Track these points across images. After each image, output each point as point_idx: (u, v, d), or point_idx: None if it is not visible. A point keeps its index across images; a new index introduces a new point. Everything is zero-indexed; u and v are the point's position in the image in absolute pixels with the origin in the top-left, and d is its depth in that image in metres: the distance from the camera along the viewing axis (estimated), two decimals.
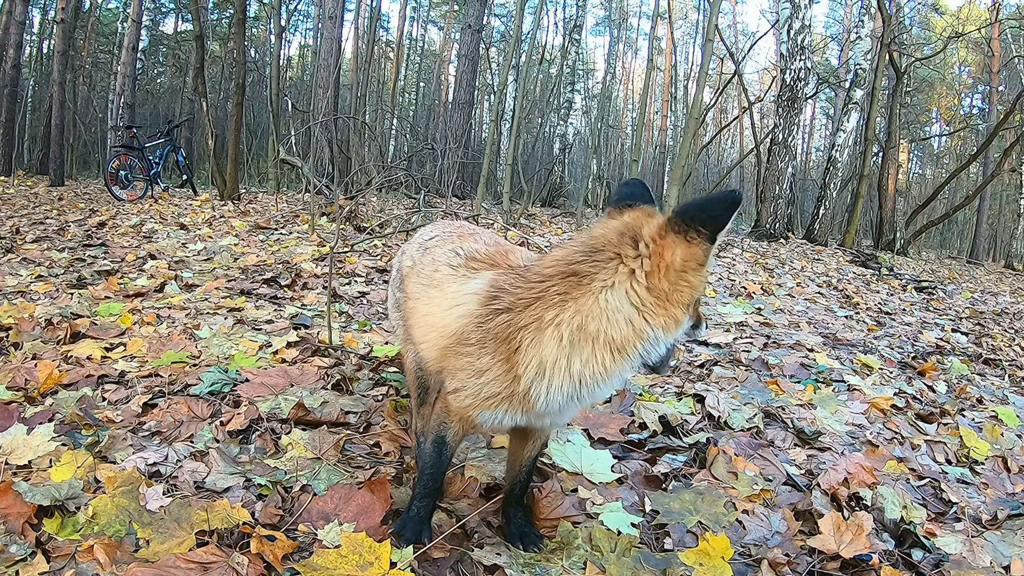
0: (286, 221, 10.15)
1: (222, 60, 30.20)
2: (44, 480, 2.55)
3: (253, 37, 32.07)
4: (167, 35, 34.38)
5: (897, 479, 3.31)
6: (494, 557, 2.35)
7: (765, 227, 15.86)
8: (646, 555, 2.48)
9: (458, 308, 2.23)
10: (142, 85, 28.21)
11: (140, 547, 2.26)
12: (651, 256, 1.95)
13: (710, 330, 2.47)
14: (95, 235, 8.56)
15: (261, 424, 3.14)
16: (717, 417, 3.71)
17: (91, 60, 30.62)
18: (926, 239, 25.39)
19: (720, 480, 3.05)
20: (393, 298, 3.00)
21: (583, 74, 23.85)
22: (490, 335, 2.08)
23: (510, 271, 2.23)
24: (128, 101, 21.59)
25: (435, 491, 2.47)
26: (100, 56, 31.92)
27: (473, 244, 2.53)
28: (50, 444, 2.79)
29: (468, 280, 2.31)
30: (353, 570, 2.13)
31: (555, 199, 20.98)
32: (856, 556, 2.59)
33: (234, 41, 15.56)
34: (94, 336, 4.32)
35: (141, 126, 17.66)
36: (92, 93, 29.46)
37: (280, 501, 2.57)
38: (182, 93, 31.11)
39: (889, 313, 8.42)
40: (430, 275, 2.49)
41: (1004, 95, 28.38)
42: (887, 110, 21.06)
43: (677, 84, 36.47)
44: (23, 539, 2.22)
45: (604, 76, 29.68)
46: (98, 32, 31.91)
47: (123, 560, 2.18)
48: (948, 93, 35.07)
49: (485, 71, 26.86)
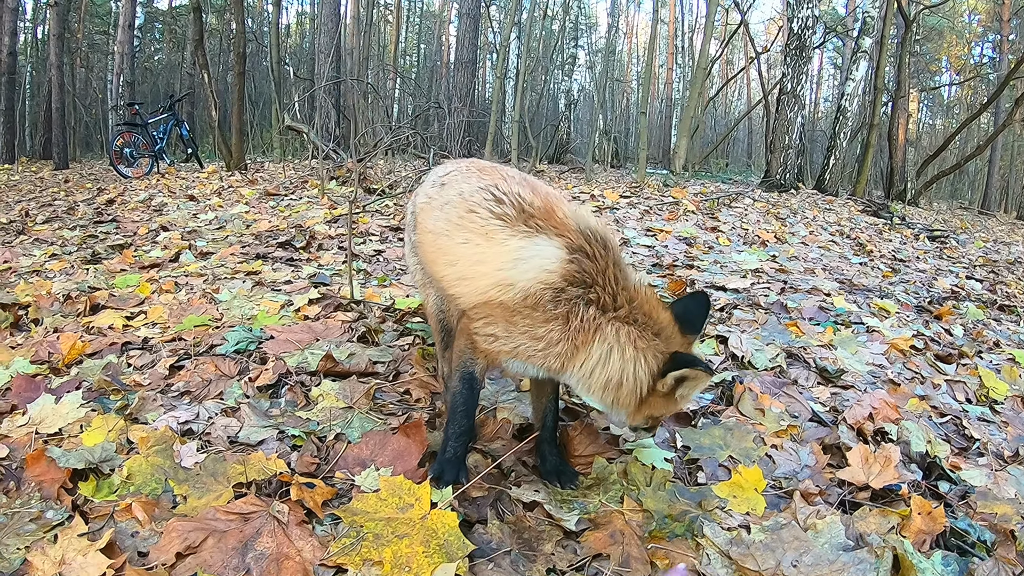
0: (295, 187, 10.14)
1: (220, 33, 29.94)
2: (76, 445, 2.58)
3: (250, 7, 31.79)
4: (162, 11, 34.07)
5: (920, 416, 3.32)
6: (532, 494, 2.38)
7: (775, 178, 15.70)
8: (680, 489, 2.51)
9: (526, 268, 2.25)
10: (140, 62, 28.08)
11: (178, 503, 2.29)
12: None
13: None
14: (105, 212, 8.56)
15: (290, 378, 3.17)
16: (741, 357, 3.72)
17: (87, 41, 30.38)
18: (937, 189, 25.12)
19: (747, 416, 3.08)
20: (409, 243, 2.96)
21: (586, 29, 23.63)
22: (571, 317, 2.22)
23: (590, 250, 2.28)
24: (127, 79, 21.49)
25: (469, 430, 2.49)
26: (96, 37, 31.63)
27: (510, 185, 2.47)
28: (79, 411, 2.82)
29: (532, 237, 2.31)
30: (394, 512, 2.15)
31: (562, 155, 20.86)
32: (886, 487, 2.61)
33: (232, 11, 15.39)
34: (114, 307, 4.35)
35: (143, 103, 17.54)
36: (90, 74, 29.30)
37: (315, 450, 2.60)
38: (181, 68, 30.88)
39: (903, 260, 8.39)
40: (463, 215, 2.43)
41: (1015, 44, 27.91)
42: (896, 59, 20.69)
43: (682, 36, 36.06)
44: (59, 504, 2.25)
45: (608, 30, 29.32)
46: (92, 13, 31.58)
47: (162, 517, 2.21)
48: (958, 42, 34.47)
49: (487, 29, 26.63)
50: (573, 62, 22.53)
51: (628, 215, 8.67)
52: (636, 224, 8.04)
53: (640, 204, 9.66)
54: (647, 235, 7.39)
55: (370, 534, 2.07)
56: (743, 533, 2.26)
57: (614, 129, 25.51)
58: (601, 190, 10.87)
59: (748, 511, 2.43)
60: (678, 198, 10.30)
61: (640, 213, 8.91)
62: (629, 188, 11.79)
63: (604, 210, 8.82)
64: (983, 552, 2.34)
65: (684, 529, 2.30)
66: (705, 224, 8.55)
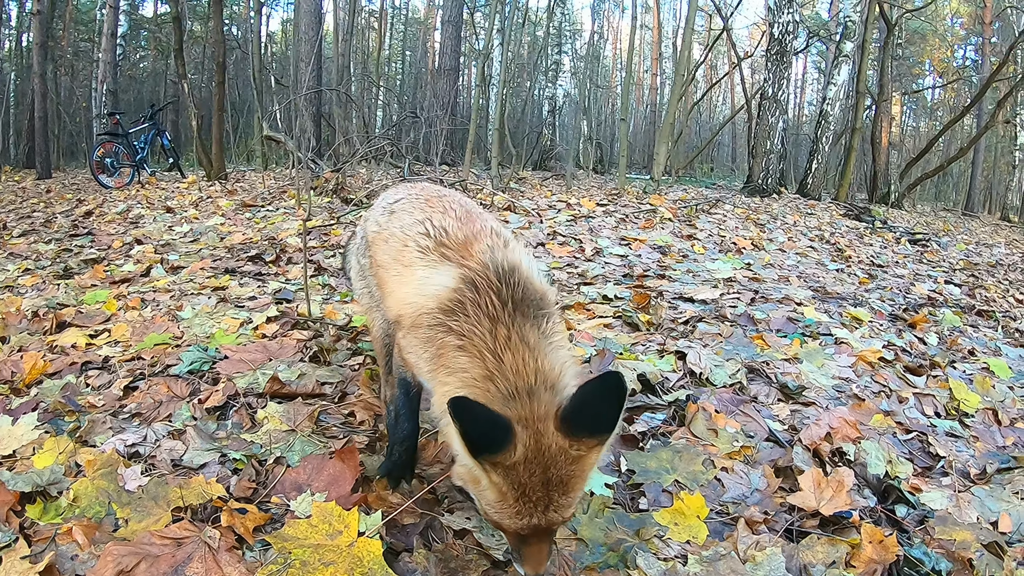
0: (273, 198, 10.13)
1: (204, 40, 29.85)
2: (27, 468, 2.58)
3: (234, 15, 31.78)
4: (147, 19, 33.90)
5: (883, 433, 3.27)
6: (463, 522, 2.35)
7: (757, 182, 15.81)
8: (620, 516, 2.46)
9: (423, 292, 2.30)
10: (124, 71, 27.90)
11: (119, 527, 2.29)
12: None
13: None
14: (82, 225, 8.55)
15: (238, 400, 3.16)
16: (699, 374, 3.67)
17: (71, 50, 30.23)
18: (921, 192, 25.22)
19: (699, 437, 3.02)
20: (358, 265, 3.01)
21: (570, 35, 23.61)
22: (435, 341, 2.18)
23: (480, 282, 2.21)
24: (111, 88, 21.37)
25: (411, 434, 2.61)
26: (80, 45, 31.50)
27: (443, 218, 2.52)
28: (33, 433, 2.82)
29: (437, 266, 2.35)
30: (323, 539, 2.14)
31: (546, 162, 20.86)
32: (836, 513, 2.55)
33: (212, 20, 15.38)
34: (79, 324, 4.35)
35: (125, 112, 17.43)
36: (74, 83, 29.17)
37: (254, 474, 2.59)
38: (166, 76, 30.85)
39: (881, 266, 8.40)
40: (399, 249, 2.52)
41: (997, 46, 28.02)
42: (878, 63, 20.86)
43: (666, 42, 36.19)
44: (7, 526, 2.25)
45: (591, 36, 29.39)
46: (76, 21, 31.47)
47: (102, 540, 2.20)
48: (940, 45, 34.66)
49: (471, 36, 26.61)
50: (557, 68, 22.52)
51: (603, 223, 8.67)
52: (611, 233, 8.04)
53: (617, 212, 9.67)
54: (621, 244, 7.39)
55: (297, 561, 2.06)
56: (679, 564, 2.21)
57: (599, 135, 25.52)
58: (579, 198, 10.87)
59: (688, 540, 2.38)
60: (656, 205, 10.33)
61: (616, 221, 8.92)
62: (608, 195, 11.81)
63: (580, 219, 8.82)
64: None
65: (618, 559, 2.25)
66: (681, 232, 8.56)
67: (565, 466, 1.84)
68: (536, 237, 7.34)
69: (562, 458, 1.84)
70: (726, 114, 36.61)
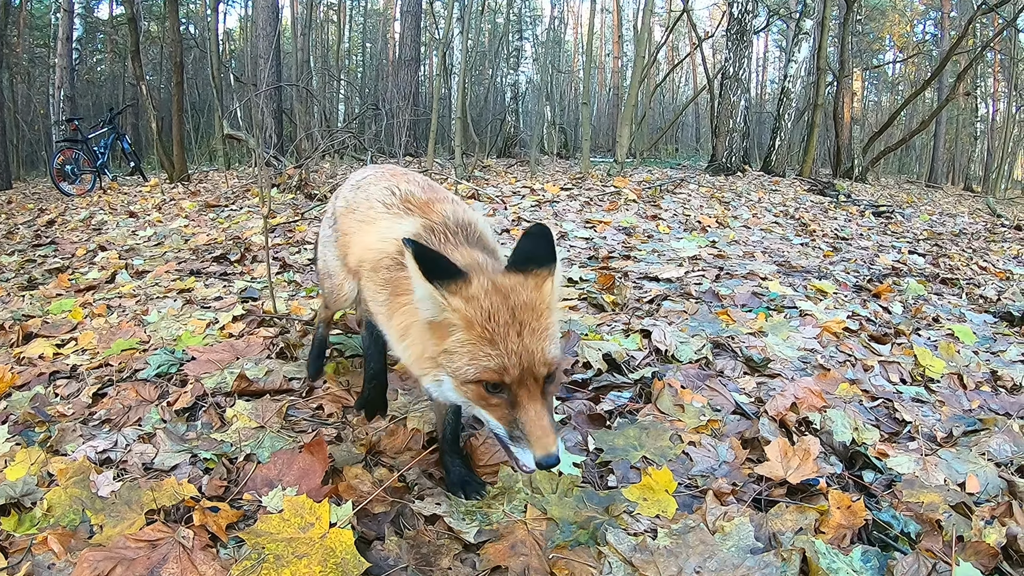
0: (237, 197, 10.06)
1: (161, 40, 29.49)
2: (0, 481, 2.55)
3: (191, 13, 31.36)
4: (103, 21, 33.45)
5: (849, 401, 3.33)
6: (434, 507, 2.37)
7: (721, 161, 15.93)
8: (589, 494, 2.48)
9: (385, 238, 2.42)
10: (81, 75, 27.57)
11: (94, 533, 2.29)
12: None
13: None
14: (44, 234, 8.44)
15: (207, 400, 3.16)
16: (664, 351, 3.72)
17: (27, 56, 29.72)
18: (885, 165, 25.56)
19: (666, 414, 3.06)
20: (324, 235, 3.11)
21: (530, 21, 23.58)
22: (390, 283, 2.30)
23: (439, 229, 2.33)
24: (68, 93, 21.10)
25: (379, 372, 2.97)
26: (36, 50, 30.97)
27: (407, 185, 2.67)
28: (4, 445, 2.81)
29: (401, 218, 2.49)
30: (295, 532, 2.15)
31: (510, 149, 20.86)
32: (803, 481, 2.58)
33: (168, 19, 15.20)
34: (46, 335, 4.30)
35: (83, 118, 17.20)
36: (31, 90, 28.66)
37: (225, 473, 2.59)
38: (124, 79, 30.39)
39: (846, 239, 8.51)
40: (366, 211, 2.67)
41: (956, 20, 28.42)
42: (839, 39, 21.01)
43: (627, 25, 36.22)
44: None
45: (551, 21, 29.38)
46: (31, 26, 30.91)
47: (77, 548, 2.20)
48: (900, 20, 35.02)
49: (431, 26, 26.48)
50: (519, 55, 22.49)
51: (568, 207, 8.70)
52: (575, 216, 8.08)
53: (581, 196, 9.71)
54: (586, 227, 7.42)
55: (271, 555, 2.07)
56: (648, 539, 2.23)
57: (563, 120, 25.54)
58: (543, 183, 10.89)
59: (658, 514, 2.40)
60: (620, 187, 10.36)
61: (580, 205, 8.96)
62: (572, 179, 11.83)
63: (545, 204, 8.85)
64: (906, 545, 2.31)
65: (588, 537, 2.27)
66: (646, 213, 8.62)
67: (525, 293, 1.93)
68: (501, 224, 7.36)
69: (520, 287, 1.94)
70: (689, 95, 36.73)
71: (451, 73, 19.16)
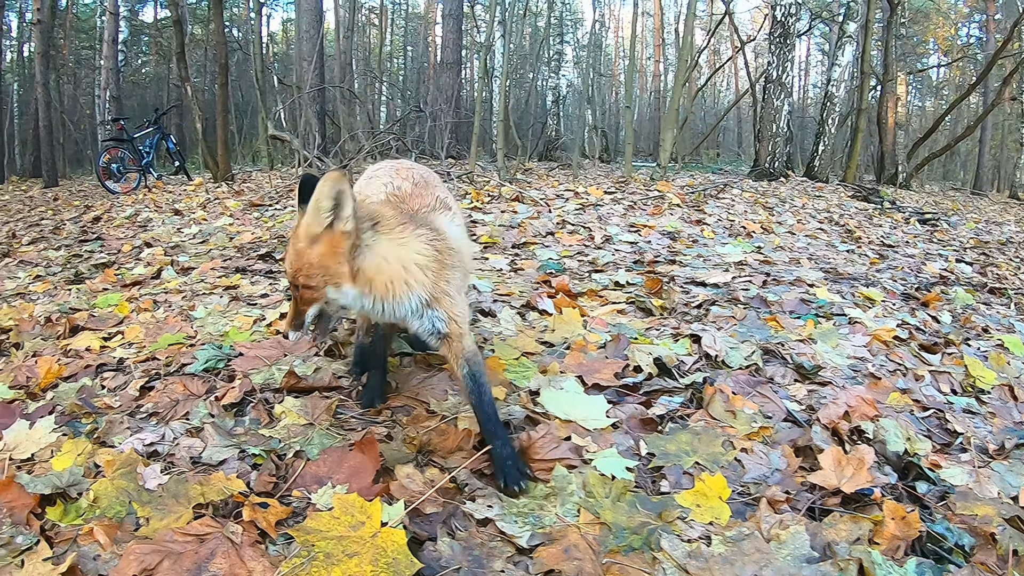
0: (280, 197, 10.13)
1: (205, 43, 29.89)
2: (46, 471, 2.58)
3: (235, 16, 31.79)
4: (147, 24, 33.98)
5: (900, 411, 3.24)
6: (486, 510, 2.34)
7: (764, 166, 15.72)
8: (642, 499, 2.44)
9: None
10: (127, 77, 27.94)
11: (140, 525, 2.28)
12: None
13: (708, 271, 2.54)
14: (90, 230, 8.56)
15: (255, 396, 3.15)
16: (714, 356, 3.65)
17: (73, 58, 30.28)
18: (929, 172, 25.05)
19: (718, 419, 3.01)
20: None
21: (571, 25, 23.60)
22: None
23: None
24: (114, 94, 21.40)
25: (379, 364, 3.23)
26: (82, 52, 31.54)
27: (403, 183, 3.00)
28: (51, 436, 2.82)
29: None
30: (345, 531, 2.13)
31: (552, 152, 20.83)
32: (858, 491, 2.52)
33: (213, 22, 15.39)
34: (92, 328, 4.35)
35: (128, 117, 17.45)
36: (78, 91, 29.27)
37: (274, 468, 2.58)
38: (168, 80, 30.91)
39: (892, 246, 8.35)
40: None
41: (1001, 23, 27.80)
42: (882, 42, 20.67)
43: (668, 28, 36.09)
44: (28, 529, 2.24)
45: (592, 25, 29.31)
46: (77, 29, 31.51)
47: (123, 540, 2.20)
48: (944, 23, 34.40)
49: (472, 30, 26.56)
50: (560, 58, 22.48)
51: (612, 211, 8.64)
52: (620, 220, 8.01)
53: (625, 199, 9.63)
54: (630, 231, 7.36)
55: (321, 553, 2.05)
56: (703, 545, 2.19)
57: (603, 124, 25.47)
58: (587, 187, 10.83)
59: (711, 520, 2.36)
60: (663, 192, 10.28)
61: (624, 209, 8.88)
62: (615, 183, 11.75)
63: (588, 207, 8.80)
64: (960, 558, 2.24)
65: (642, 542, 2.23)
66: (690, 217, 8.53)
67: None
68: (545, 227, 7.32)
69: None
70: (730, 99, 36.51)
71: (492, 76, 19.17)
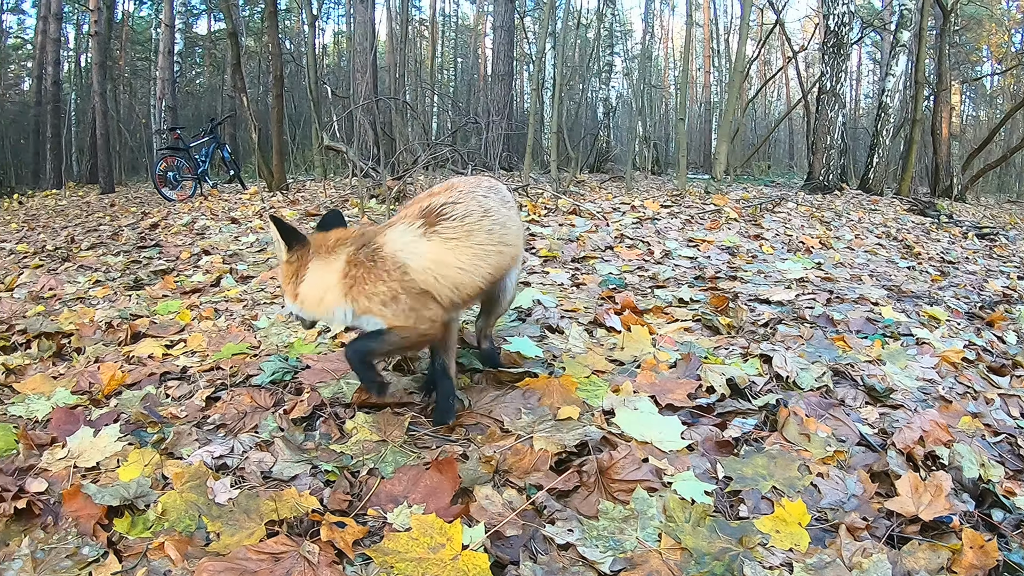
0: (335, 206, 10.18)
1: (258, 55, 30.38)
2: (112, 480, 2.58)
3: (287, 28, 32.15)
4: (201, 36, 34.65)
5: (972, 436, 3.14)
6: (567, 535, 2.29)
7: (818, 179, 15.45)
8: (721, 524, 2.39)
9: None
10: (182, 87, 28.53)
11: (211, 540, 2.27)
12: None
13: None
14: (148, 236, 8.67)
15: (324, 410, 3.14)
16: (785, 377, 3.57)
17: (129, 68, 30.95)
18: (984, 184, 24.38)
19: (792, 442, 2.93)
20: None
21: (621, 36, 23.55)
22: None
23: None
24: (169, 104, 21.87)
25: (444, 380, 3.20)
26: (138, 63, 32.23)
27: (431, 199, 3.08)
28: (116, 444, 2.82)
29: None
30: (424, 552, 2.11)
31: (603, 164, 20.72)
32: (936, 518, 2.45)
33: (268, 35, 15.60)
34: (154, 335, 4.38)
35: (185, 127, 17.80)
36: (134, 100, 29.79)
37: (348, 486, 2.56)
38: (222, 91, 31.37)
39: (952, 262, 8.15)
40: None
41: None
42: (936, 51, 20.23)
43: (718, 39, 35.78)
44: (95, 540, 2.24)
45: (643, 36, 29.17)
46: (133, 40, 32.21)
47: (194, 555, 2.18)
48: (998, 30, 33.62)
49: (522, 41, 26.62)
50: (610, 70, 22.41)
51: (669, 225, 8.55)
52: (678, 235, 7.92)
53: (681, 213, 9.53)
54: (689, 246, 7.28)
55: (400, 575, 2.02)
56: (785, 573, 2.15)
57: (654, 135, 25.32)
58: (642, 200, 10.74)
59: (791, 547, 2.30)
60: (720, 205, 10.17)
61: (681, 223, 8.79)
62: (670, 196, 11.64)
63: (645, 221, 8.71)
64: None
65: (724, 568, 2.18)
66: (748, 232, 8.42)
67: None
68: (604, 240, 7.26)
69: None
70: (780, 110, 36.06)
71: (544, 87, 19.20)
